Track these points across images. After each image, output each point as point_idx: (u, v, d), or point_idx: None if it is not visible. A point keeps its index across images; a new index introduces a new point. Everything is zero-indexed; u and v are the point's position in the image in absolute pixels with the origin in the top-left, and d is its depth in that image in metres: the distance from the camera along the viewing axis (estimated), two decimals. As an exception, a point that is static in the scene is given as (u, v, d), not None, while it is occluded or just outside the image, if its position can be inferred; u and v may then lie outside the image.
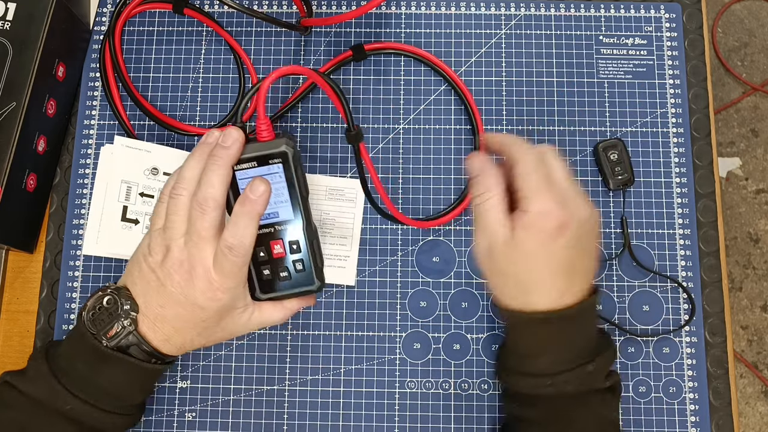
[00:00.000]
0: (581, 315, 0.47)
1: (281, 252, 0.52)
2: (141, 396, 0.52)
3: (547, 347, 0.47)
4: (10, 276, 0.62)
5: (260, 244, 0.51)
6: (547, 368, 0.47)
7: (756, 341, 1.46)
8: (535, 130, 0.63)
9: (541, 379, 0.47)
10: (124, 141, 0.60)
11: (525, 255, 0.45)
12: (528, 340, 0.48)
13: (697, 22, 0.65)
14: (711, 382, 0.58)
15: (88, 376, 0.48)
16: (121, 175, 0.59)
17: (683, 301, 0.60)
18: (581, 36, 0.65)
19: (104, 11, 0.66)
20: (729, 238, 1.50)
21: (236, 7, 0.58)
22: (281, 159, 0.48)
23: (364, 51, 0.63)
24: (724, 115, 1.57)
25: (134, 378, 0.49)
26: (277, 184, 0.49)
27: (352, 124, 0.52)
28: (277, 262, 0.52)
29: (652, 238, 0.61)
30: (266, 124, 0.48)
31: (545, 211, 0.45)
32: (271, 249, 0.52)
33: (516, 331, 0.49)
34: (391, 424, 0.58)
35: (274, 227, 0.51)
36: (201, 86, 0.64)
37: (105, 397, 0.48)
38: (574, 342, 0.48)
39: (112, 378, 0.49)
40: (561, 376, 0.47)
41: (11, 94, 0.56)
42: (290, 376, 0.59)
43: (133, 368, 0.48)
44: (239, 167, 0.48)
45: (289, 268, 0.52)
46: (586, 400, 0.48)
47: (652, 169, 0.62)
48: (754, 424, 1.42)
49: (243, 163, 0.48)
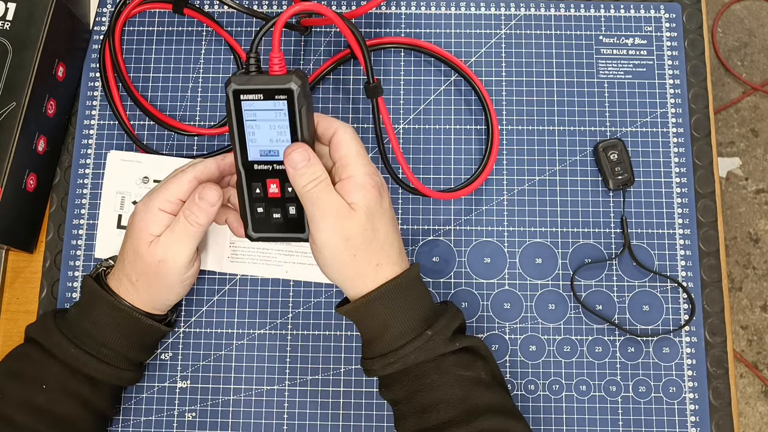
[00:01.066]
0: (412, 283, 0.50)
1: (276, 192, 0.51)
2: (123, 344, 0.53)
3: (387, 324, 0.49)
4: (10, 276, 0.62)
5: (257, 180, 0.51)
6: (391, 344, 0.49)
7: (756, 341, 1.46)
8: (535, 130, 0.63)
9: (386, 357, 0.49)
10: (119, 155, 0.61)
11: (369, 215, 0.48)
12: (371, 322, 0.50)
13: (697, 22, 0.65)
14: (711, 382, 0.58)
15: (77, 317, 0.53)
16: (117, 186, 0.61)
17: (683, 301, 0.60)
18: (581, 36, 0.65)
19: (104, 11, 0.66)
20: (729, 238, 1.50)
21: (236, 7, 0.58)
22: (286, 96, 0.47)
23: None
24: (724, 115, 1.57)
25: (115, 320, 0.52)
26: (280, 121, 0.48)
27: (372, 76, 0.52)
28: (272, 201, 0.51)
29: (652, 238, 0.61)
30: (279, 58, 0.47)
31: (369, 172, 0.49)
32: (267, 187, 0.51)
33: (362, 320, 0.50)
34: (390, 424, 0.58)
35: (272, 165, 0.50)
36: (201, 86, 0.64)
37: (88, 339, 0.52)
38: (408, 312, 0.49)
39: (96, 319, 0.52)
40: (403, 349, 0.49)
41: (11, 94, 0.56)
42: (290, 376, 0.59)
43: (111, 307, 0.52)
44: (245, 97, 0.47)
45: (281, 211, 0.52)
46: (439, 365, 0.49)
47: (652, 169, 0.62)
48: (754, 424, 1.42)
49: (249, 94, 0.47)
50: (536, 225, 0.61)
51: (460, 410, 0.48)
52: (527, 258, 0.61)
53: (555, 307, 0.60)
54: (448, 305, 0.53)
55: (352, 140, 0.49)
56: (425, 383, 0.49)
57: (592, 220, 0.61)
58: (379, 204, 0.49)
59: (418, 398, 0.49)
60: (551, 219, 0.61)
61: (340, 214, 0.47)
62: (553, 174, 0.62)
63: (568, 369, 0.59)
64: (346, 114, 0.63)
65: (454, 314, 0.51)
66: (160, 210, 0.51)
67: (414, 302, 0.50)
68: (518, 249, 0.61)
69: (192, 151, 0.63)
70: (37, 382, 0.51)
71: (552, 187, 0.62)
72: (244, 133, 0.49)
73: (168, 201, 0.51)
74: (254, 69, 0.48)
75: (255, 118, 0.48)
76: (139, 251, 0.51)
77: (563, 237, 0.61)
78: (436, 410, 0.48)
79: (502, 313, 0.60)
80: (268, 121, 0.48)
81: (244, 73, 0.48)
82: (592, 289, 0.60)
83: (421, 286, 0.52)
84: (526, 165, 0.62)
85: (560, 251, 0.61)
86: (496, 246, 0.61)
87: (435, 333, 0.49)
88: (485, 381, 0.50)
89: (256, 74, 0.48)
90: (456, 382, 0.49)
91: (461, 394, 0.49)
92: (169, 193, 0.51)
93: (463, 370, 0.49)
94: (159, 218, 0.51)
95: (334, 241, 0.48)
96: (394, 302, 0.49)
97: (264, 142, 0.49)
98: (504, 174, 0.62)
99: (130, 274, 0.52)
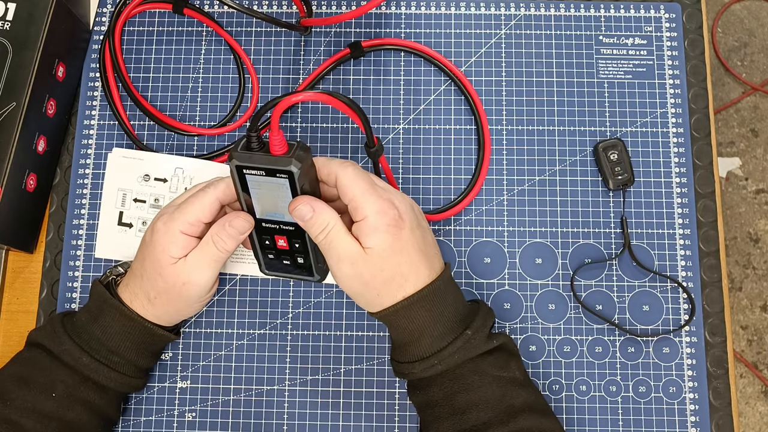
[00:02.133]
0: (445, 285, 0.50)
1: (284, 246, 0.53)
2: (133, 352, 0.53)
3: (424, 328, 0.49)
4: (10, 276, 0.62)
5: (266, 233, 0.52)
6: (431, 347, 0.49)
7: (756, 341, 1.46)
8: (535, 130, 0.63)
9: (428, 360, 0.49)
10: (121, 152, 0.62)
11: (386, 257, 0.47)
12: (406, 326, 0.49)
13: (697, 22, 0.65)
14: (711, 382, 0.58)
15: (87, 324, 0.53)
16: (118, 183, 0.61)
17: (683, 301, 0.60)
18: (581, 36, 0.65)
19: (104, 11, 0.66)
20: (729, 238, 1.50)
21: (236, 7, 0.58)
22: (287, 176, 0.48)
23: (362, 48, 0.63)
24: (724, 115, 1.57)
25: (126, 328, 0.52)
26: (283, 192, 0.49)
27: (372, 140, 0.52)
28: (281, 252, 0.53)
29: (652, 238, 0.61)
30: (279, 139, 0.48)
31: (381, 209, 0.47)
32: (275, 241, 0.53)
33: (395, 325, 0.50)
34: (391, 424, 0.58)
35: (279, 225, 0.51)
36: (201, 86, 0.64)
37: (99, 346, 0.52)
38: (445, 315, 0.49)
39: (106, 327, 0.52)
40: (445, 351, 0.49)
41: (11, 94, 0.56)
42: (290, 376, 0.59)
43: (123, 316, 0.52)
44: (249, 172, 0.49)
45: (291, 259, 0.53)
46: (477, 366, 0.49)
47: (652, 169, 0.62)
48: (754, 424, 1.42)
49: (252, 170, 0.49)
50: (536, 225, 0.61)
51: (498, 410, 0.48)
52: (527, 258, 0.61)
53: (555, 307, 0.60)
54: (479, 304, 0.53)
55: (355, 180, 0.48)
56: (464, 384, 0.49)
57: (592, 220, 0.61)
58: (397, 239, 0.48)
59: (457, 399, 0.49)
60: (551, 219, 0.61)
61: (355, 262, 0.47)
62: (553, 174, 0.62)
63: (568, 369, 0.59)
64: (345, 115, 0.63)
65: (487, 312, 0.52)
66: (181, 233, 0.51)
67: (450, 303, 0.50)
68: (518, 249, 0.61)
69: (192, 151, 0.63)
70: (46, 389, 0.51)
71: (552, 187, 0.62)
72: (250, 197, 0.50)
73: (190, 224, 0.51)
74: (256, 145, 0.49)
75: (259, 188, 0.49)
76: (162, 272, 0.51)
77: (563, 237, 0.61)
78: (475, 411, 0.48)
79: (502, 313, 0.60)
80: (271, 191, 0.49)
81: (246, 147, 0.49)
82: (592, 289, 0.60)
83: (455, 286, 0.52)
84: (526, 165, 0.62)
85: (560, 251, 0.61)
86: (496, 246, 0.61)
87: (474, 332, 0.49)
88: (519, 380, 0.51)
89: (258, 150, 0.49)
90: (494, 382, 0.49)
91: (499, 393, 0.49)
92: (191, 215, 0.51)
93: (499, 370, 0.50)
94: (180, 241, 0.51)
95: (355, 285, 0.49)
96: (432, 305, 0.49)
97: (268, 207, 0.50)
98: (504, 174, 0.62)
99: (148, 291, 0.52)
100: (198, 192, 0.52)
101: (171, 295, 0.52)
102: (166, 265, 0.51)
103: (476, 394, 0.49)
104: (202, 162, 0.61)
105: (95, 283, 0.54)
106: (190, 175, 0.61)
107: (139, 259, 0.53)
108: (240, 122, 0.63)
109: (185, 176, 0.61)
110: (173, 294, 0.52)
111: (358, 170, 0.49)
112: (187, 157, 0.61)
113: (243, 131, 0.63)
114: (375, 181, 0.50)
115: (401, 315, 0.49)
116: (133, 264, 0.54)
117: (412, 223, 0.49)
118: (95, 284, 0.54)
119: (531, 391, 0.51)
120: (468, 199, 0.61)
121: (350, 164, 0.49)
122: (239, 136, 0.63)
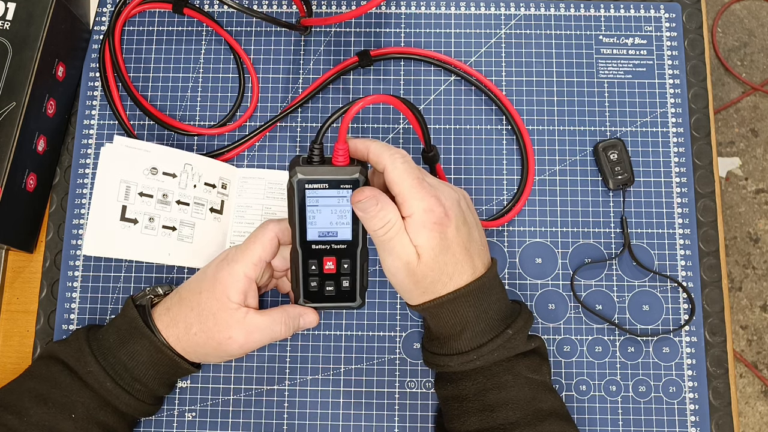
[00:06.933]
0: (490, 282, 0.50)
1: (332, 269, 0.53)
2: (156, 381, 0.53)
3: (466, 323, 0.49)
4: (10, 276, 0.62)
5: (313, 257, 0.52)
6: (471, 342, 0.49)
7: (756, 341, 1.46)
8: (535, 130, 0.63)
9: (468, 354, 0.49)
10: (124, 141, 0.59)
11: (434, 256, 0.47)
12: (449, 320, 0.50)
13: (696, 22, 0.65)
14: (711, 381, 0.58)
15: (114, 347, 0.52)
16: (121, 174, 0.59)
17: (683, 301, 0.60)
18: (581, 36, 0.65)
19: (104, 11, 0.66)
20: (729, 238, 1.50)
21: (236, 7, 0.58)
22: (352, 186, 0.49)
23: (371, 57, 0.63)
24: (723, 114, 1.57)
25: (153, 358, 0.52)
26: (343, 207, 0.50)
27: (430, 145, 0.52)
28: (326, 276, 0.53)
29: (652, 238, 0.61)
30: (344, 149, 0.48)
31: (429, 207, 0.47)
32: (323, 264, 0.52)
33: (437, 317, 0.50)
34: (391, 424, 0.58)
35: (330, 245, 0.52)
36: (201, 86, 0.64)
37: (124, 372, 0.52)
38: (488, 312, 0.49)
39: (134, 354, 0.52)
40: (485, 347, 0.49)
41: (11, 94, 0.56)
42: (290, 376, 0.59)
43: (153, 347, 0.52)
44: (310, 186, 0.49)
45: (335, 284, 0.53)
46: (512, 366, 0.50)
47: (652, 169, 0.62)
48: (754, 424, 1.42)
49: (315, 183, 0.49)
50: (536, 225, 0.61)
51: (527, 412, 0.49)
52: (527, 258, 0.61)
53: (555, 307, 0.60)
54: (521, 305, 0.53)
55: (403, 174, 0.47)
56: (497, 382, 0.49)
57: (592, 220, 0.61)
58: (443, 238, 0.47)
59: (488, 396, 0.49)
60: (551, 219, 0.61)
61: (408, 263, 0.48)
62: (553, 174, 0.62)
63: (568, 369, 0.59)
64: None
65: (528, 313, 0.52)
66: (245, 276, 0.52)
67: (495, 300, 0.50)
68: (518, 249, 0.61)
69: (192, 151, 0.63)
70: (66, 409, 0.51)
71: (552, 187, 0.62)
72: (305, 218, 0.50)
73: (254, 264, 0.52)
74: (317, 159, 0.49)
75: (317, 204, 0.50)
76: (217, 313, 0.51)
77: (563, 237, 0.61)
78: (504, 410, 0.49)
79: (502, 313, 0.60)
80: (330, 206, 0.50)
81: (307, 161, 0.49)
82: (592, 289, 0.60)
83: (500, 283, 0.52)
84: (526, 165, 0.62)
85: (560, 251, 0.61)
86: (496, 246, 0.61)
87: (515, 332, 0.50)
88: (549, 385, 0.52)
89: (318, 163, 0.49)
90: (526, 384, 0.50)
91: (529, 395, 0.49)
92: (255, 256, 0.52)
93: (532, 372, 0.50)
94: (242, 284, 0.52)
95: (405, 282, 0.49)
96: (477, 300, 0.49)
97: (324, 224, 0.51)
98: (504, 174, 0.62)
99: (192, 325, 0.52)
100: (256, 233, 0.53)
101: (211, 339, 0.52)
102: (224, 308, 0.51)
103: (508, 394, 0.49)
104: (210, 160, 0.61)
105: (129, 303, 0.54)
106: (199, 173, 0.60)
107: (195, 290, 0.53)
108: (240, 122, 0.63)
109: (194, 173, 0.60)
110: (215, 339, 0.52)
111: (407, 163, 0.48)
112: (196, 154, 0.61)
113: (243, 131, 0.63)
114: (423, 175, 0.49)
115: (445, 308, 0.49)
116: (184, 291, 0.54)
117: (458, 221, 0.48)
118: (129, 305, 0.54)
119: (557, 397, 0.52)
120: (519, 206, 0.61)
121: (400, 156, 0.48)
122: (239, 136, 0.63)
